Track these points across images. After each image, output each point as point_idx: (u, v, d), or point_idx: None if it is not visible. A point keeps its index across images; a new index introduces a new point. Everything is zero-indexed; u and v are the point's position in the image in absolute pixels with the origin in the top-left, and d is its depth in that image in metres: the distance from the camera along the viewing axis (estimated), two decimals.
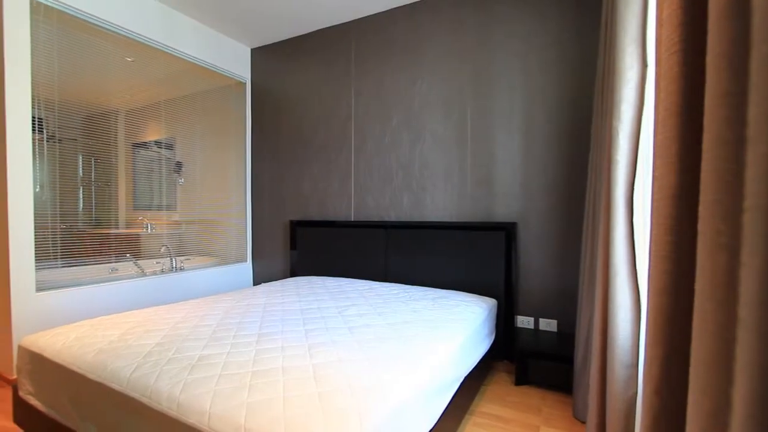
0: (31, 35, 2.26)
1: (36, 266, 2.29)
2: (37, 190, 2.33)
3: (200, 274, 3.28)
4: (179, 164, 3.47)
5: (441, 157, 2.78)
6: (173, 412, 1.06)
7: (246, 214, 3.75)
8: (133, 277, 2.83)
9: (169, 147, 3.43)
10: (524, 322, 2.52)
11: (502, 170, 2.58)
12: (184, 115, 3.42)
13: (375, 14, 3.03)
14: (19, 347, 1.62)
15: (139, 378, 1.20)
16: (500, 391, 2.16)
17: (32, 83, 2.26)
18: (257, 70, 3.70)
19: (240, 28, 3.30)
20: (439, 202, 2.79)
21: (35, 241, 2.28)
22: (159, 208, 3.41)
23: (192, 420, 1.01)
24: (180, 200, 3.48)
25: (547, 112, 2.44)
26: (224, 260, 3.61)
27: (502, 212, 2.59)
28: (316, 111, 3.34)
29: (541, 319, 2.48)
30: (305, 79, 3.39)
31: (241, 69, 3.63)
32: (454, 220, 2.74)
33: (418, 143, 2.86)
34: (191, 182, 3.51)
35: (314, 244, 3.26)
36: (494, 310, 2.37)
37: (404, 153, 2.92)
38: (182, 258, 3.37)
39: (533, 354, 2.21)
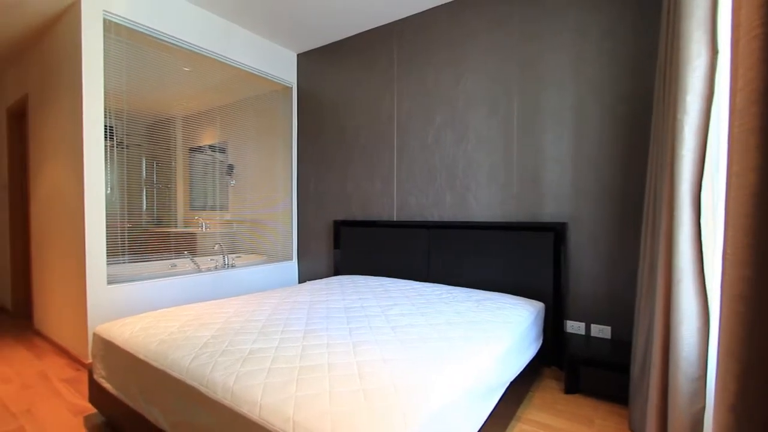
0: (104, 51, 2.48)
1: (107, 261, 2.51)
2: (108, 192, 2.55)
3: (249, 272, 3.44)
4: (231, 167, 3.65)
5: (485, 156, 2.72)
6: (227, 401, 1.12)
7: (292, 214, 3.87)
8: (189, 273, 3.01)
9: (222, 150, 3.63)
10: (574, 327, 2.40)
11: (551, 168, 2.48)
12: (236, 120, 3.61)
13: (417, 13, 3.02)
14: (94, 335, 1.78)
15: (197, 368, 1.28)
16: (549, 398, 2.07)
17: (105, 95, 2.48)
18: (302, 75, 3.81)
19: (288, 35, 3.42)
20: (484, 202, 2.73)
21: (106, 239, 2.50)
22: (212, 208, 3.62)
23: (244, 410, 1.06)
24: (231, 201, 3.67)
25: (601, 106, 2.31)
26: (271, 258, 3.76)
27: (550, 212, 2.48)
28: (358, 112, 3.39)
29: (593, 325, 2.35)
30: (348, 81, 3.45)
31: (288, 74, 3.76)
32: (498, 220, 2.67)
33: (462, 142, 2.81)
34: (241, 183, 3.69)
35: (357, 243, 3.30)
36: (542, 314, 2.28)
37: (448, 152, 2.89)
38: (233, 256, 3.55)
39: (585, 361, 2.09)
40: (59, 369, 2.42)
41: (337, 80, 3.53)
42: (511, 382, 1.71)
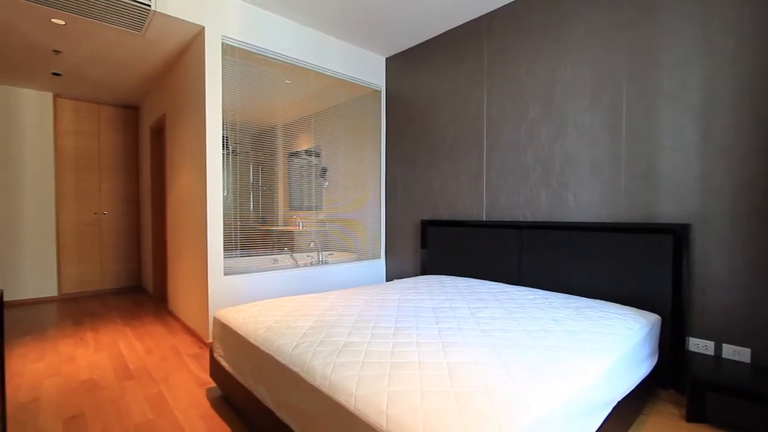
0: (222, 71, 2.84)
1: (224, 255, 2.87)
2: (225, 194, 2.91)
3: (340, 268, 3.63)
4: (324, 169, 3.90)
5: (587, 150, 2.48)
6: (325, 388, 1.20)
7: (380, 214, 3.99)
8: (288, 268, 3.29)
9: (317, 154, 3.89)
10: (700, 346, 2.07)
11: (669, 161, 2.16)
12: (329, 125, 3.84)
13: (509, 3, 2.88)
14: (214, 318, 2.05)
15: (299, 355, 1.40)
16: (665, 425, 1.81)
17: (222, 109, 2.84)
18: (391, 78, 3.90)
19: (377, 40, 3.53)
20: (584, 201, 2.50)
21: (223, 236, 2.86)
22: (308, 208, 3.90)
23: (341, 399, 1.13)
24: (324, 201, 3.92)
25: (736, 86, 1.94)
26: (361, 256, 3.92)
27: (668, 211, 2.17)
28: (446, 111, 3.35)
29: (725, 345, 1.99)
30: (435, 81, 3.43)
31: (377, 78, 3.89)
32: (602, 220, 2.42)
33: (560, 136, 2.61)
34: (334, 185, 3.92)
35: (444, 243, 3.27)
36: (657, 328, 2.00)
37: (542, 147, 2.70)
38: (326, 253, 3.79)
39: (714, 386, 1.79)
40: (187, 345, 2.84)
41: (424, 80, 3.54)
42: (619, 403, 1.54)
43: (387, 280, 4.02)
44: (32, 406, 1.96)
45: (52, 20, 2.65)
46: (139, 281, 5.00)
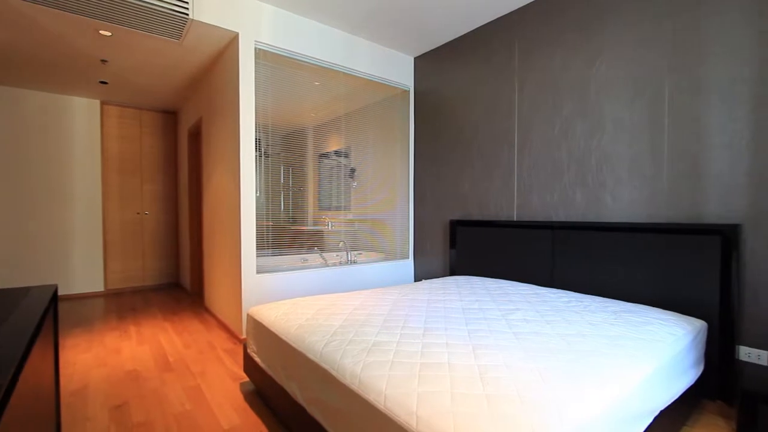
0: (255, 75, 2.92)
1: (256, 254, 2.96)
2: (257, 195, 3.00)
3: (369, 268, 3.65)
4: (353, 170, 3.94)
5: (626, 147, 2.37)
6: (355, 387, 1.21)
7: (408, 214, 3.99)
8: (318, 267, 3.35)
9: (346, 155, 3.93)
10: (752, 355, 1.93)
11: (717, 158, 2.03)
12: (358, 126, 3.87)
13: None
14: (248, 315, 2.11)
15: (329, 353, 1.42)
16: None
17: (255, 112, 2.92)
18: (419, 77, 3.88)
19: (406, 40, 3.53)
20: (623, 200, 2.39)
21: (255, 235, 2.94)
22: (337, 208, 3.95)
23: (371, 398, 1.13)
24: (353, 201, 3.95)
25: None
26: (389, 256, 3.93)
27: (715, 211, 2.04)
28: (476, 110, 3.30)
29: None
30: (465, 79, 3.39)
31: (406, 78, 3.88)
32: (643, 220, 2.31)
33: (596, 133, 2.51)
34: (362, 185, 3.94)
35: (474, 243, 3.23)
36: (703, 335, 1.89)
37: (578, 145, 2.61)
38: (355, 252, 3.82)
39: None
40: (222, 341, 2.94)
41: (453, 79, 3.50)
42: (661, 413, 1.46)
43: (415, 281, 4.01)
44: (82, 394, 2.09)
45: (100, 32, 2.82)
46: (177, 278, 5.22)
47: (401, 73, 3.84)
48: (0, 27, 2.75)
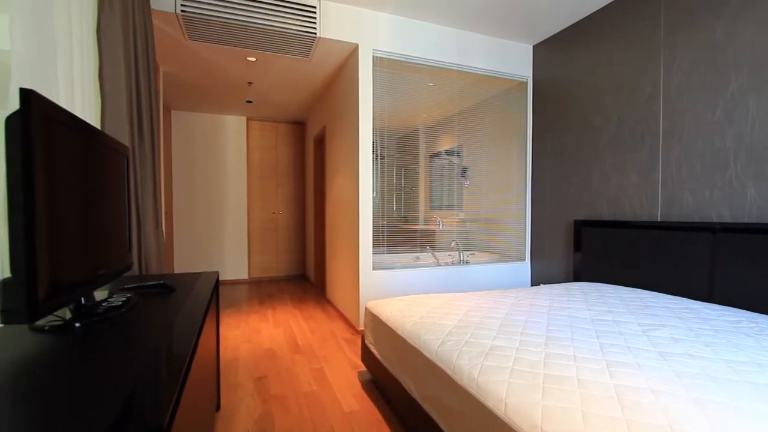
0: (373, 81, 3.09)
1: (372, 251, 3.12)
2: (374, 195, 3.16)
3: (482, 269, 3.54)
4: (465, 169, 3.86)
5: None
6: (473, 390, 1.18)
7: (525, 213, 3.74)
8: (430, 266, 3.37)
9: (458, 154, 3.88)
10: None
11: None
12: (471, 124, 3.78)
13: None
14: (365, 309, 2.25)
15: (445, 352, 1.42)
16: None
17: (372, 117, 3.09)
18: (538, 67, 3.61)
19: (522, 28, 3.32)
20: None
21: (372, 233, 3.11)
22: (449, 207, 3.92)
23: (490, 404, 1.10)
24: (465, 201, 3.87)
25: None
26: (503, 257, 3.75)
27: None
28: (606, 96, 2.92)
29: None
30: (593, 63, 3.03)
31: (523, 69, 3.65)
32: None
33: None
34: (475, 184, 3.84)
35: (603, 246, 2.87)
36: None
37: (749, 129, 2.11)
38: (467, 253, 3.74)
39: None
40: (342, 330, 3.19)
41: (579, 64, 3.17)
42: None
43: (532, 285, 3.74)
44: (233, 365, 2.49)
45: (248, 59, 3.31)
46: (304, 271, 5.84)
47: (518, 64, 3.63)
48: (174, 61, 3.45)
